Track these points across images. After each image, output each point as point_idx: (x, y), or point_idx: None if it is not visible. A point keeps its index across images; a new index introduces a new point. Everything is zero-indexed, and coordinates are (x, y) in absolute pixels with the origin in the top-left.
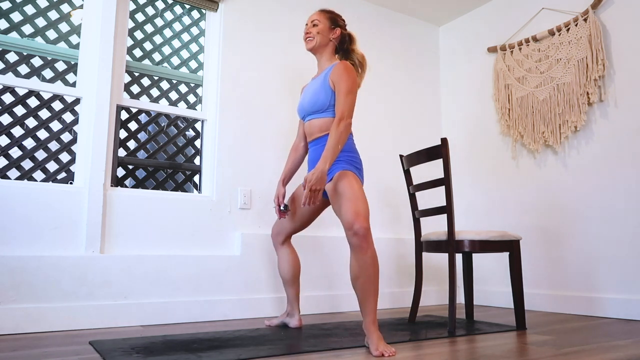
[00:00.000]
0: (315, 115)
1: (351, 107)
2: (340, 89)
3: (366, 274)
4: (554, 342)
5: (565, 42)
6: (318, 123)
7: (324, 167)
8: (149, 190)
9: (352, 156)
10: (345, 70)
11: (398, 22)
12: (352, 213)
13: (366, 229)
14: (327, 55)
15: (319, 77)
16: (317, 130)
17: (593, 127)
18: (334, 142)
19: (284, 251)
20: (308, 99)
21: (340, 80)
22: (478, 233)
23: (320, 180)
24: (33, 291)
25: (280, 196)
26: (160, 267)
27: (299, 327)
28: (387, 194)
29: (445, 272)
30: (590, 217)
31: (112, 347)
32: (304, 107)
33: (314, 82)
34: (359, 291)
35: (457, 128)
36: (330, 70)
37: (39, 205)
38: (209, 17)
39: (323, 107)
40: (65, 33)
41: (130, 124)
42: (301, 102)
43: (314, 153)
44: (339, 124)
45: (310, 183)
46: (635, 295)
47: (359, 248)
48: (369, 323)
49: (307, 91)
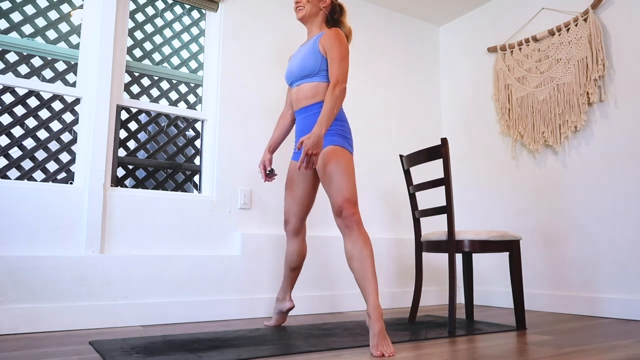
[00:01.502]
0: (304, 80)
1: (345, 72)
2: (334, 55)
3: (360, 255)
4: (554, 342)
5: (565, 42)
6: (307, 87)
7: (320, 132)
8: (149, 190)
9: (343, 125)
10: (337, 36)
11: (398, 22)
12: (340, 199)
13: (353, 214)
14: (317, 24)
15: (308, 42)
16: (305, 96)
17: (593, 127)
18: (329, 106)
19: (295, 243)
20: (297, 63)
21: (333, 46)
22: (478, 233)
23: (317, 144)
24: (33, 291)
25: (267, 161)
26: (160, 267)
27: (292, 307)
28: (387, 194)
29: (445, 272)
30: (590, 217)
31: (112, 347)
32: (292, 73)
33: (303, 48)
34: (356, 272)
35: (457, 128)
36: (321, 36)
37: (39, 205)
38: (209, 17)
39: (313, 72)
40: (65, 33)
41: (130, 124)
42: (289, 68)
43: (304, 122)
44: (335, 88)
45: (306, 147)
46: (635, 295)
47: (349, 229)
48: (372, 308)
49: (296, 57)
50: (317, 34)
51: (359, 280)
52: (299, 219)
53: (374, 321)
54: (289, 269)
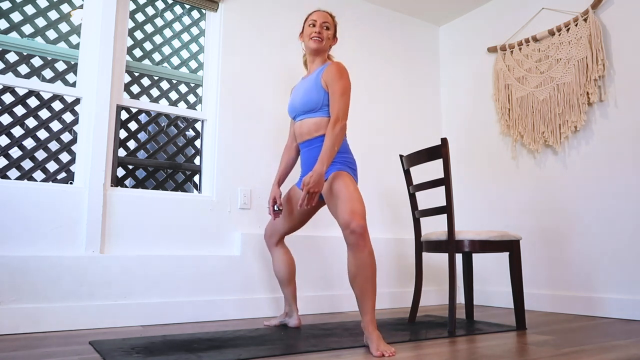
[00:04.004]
0: (307, 115)
1: (346, 109)
2: (335, 90)
3: (364, 273)
4: (554, 342)
5: (565, 42)
6: (310, 123)
7: (322, 170)
8: (149, 190)
9: (347, 157)
10: (339, 70)
11: (398, 22)
12: (348, 212)
13: (363, 227)
14: (321, 59)
15: (311, 76)
16: (309, 131)
17: (593, 127)
18: (330, 144)
19: (279, 252)
20: (299, 98)
21: (335, 81)
22: (478, 233)
23: (318, 182)
24: (33, 291)
25: (277, 197)
26: (160, 267)
27: (298, 326)
28: (387, 194)
29: (445, 272)
30: (590, 217)
31: (112, 347)
32: (295, 107)
33: (305, 82)
34: (357, 289)
35: (457, 128)
36: (323, 70)
37: (39, 205)
38: (209, 17)
39: (316, 107)
40: (65, 33)
41: (130, 124)
42: (292, 102)
43: (307, 154)
44: (335, 125)
45: (308, 186)
46: (635, 295)
47: (356, 246)
48: (368, 322)
49: (298, 90)
50: (320, 67)
51: (359, 297)
52: (282, 236)
53: (371, 332)
54: (283, 286)
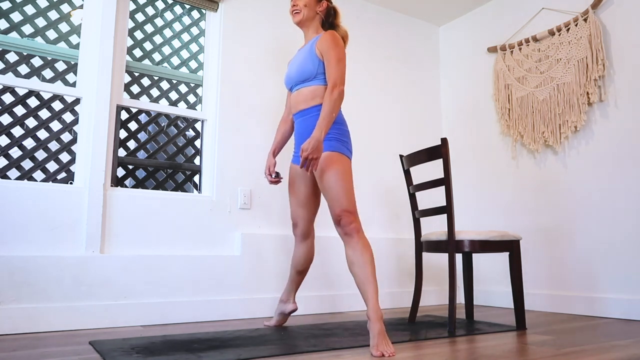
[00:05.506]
0: (303, 84)
1: (343, 75)
2: (330, 57)
3: (361, 259)
4: (554, 342)
5: (565, 42)
6: (306, 92)
7: (320, 136)
8: (149, 190)
9: (341, 129)
10: (333, 38)
11: (398, 22)
12: (338, 209)
13: (351, 222)
14: (313, 28)
15: (305, 47)
16: (305, 99)
17: (593, 127)
18: (328, 109)
19: (304, 245)
20: (295, 68)
21: (329, 49)
22: (478, 233)
23: (317, 148)
24: (33, 291)
25: (272, 166)
26: (160, 267)
27: (294, 309)
28: (387, 194)
29: (445, 272)
30: (590, 217)
31: (112, 347)
32: (291, 78)
33: (300, 53)
34: (356, 276)
35: (457, 128)
36: (317, 39)
37: (39, 205)
38: (209, 17)
39: (311, 76)
40: (65, 33)
41: (130, 124)
42: (288, 73)
43: (302, 124)
44: (333, 91)
45: (306, 152)
46: (635, 295)
47: (348, 238)
48: (372, 310)
49: (294, 62)
50: (314, 37)
51: (359, 284)
52: (307, 222)
53: (374, 322)
54: (296, 272)
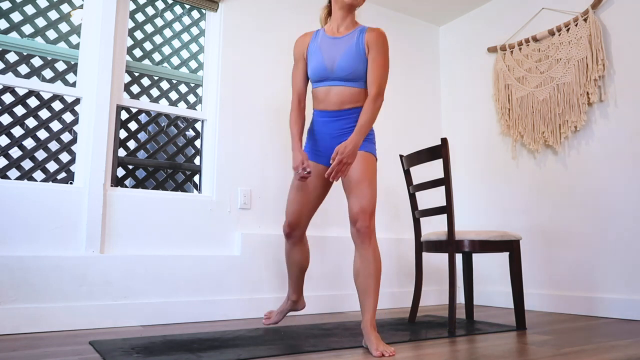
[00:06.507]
0: (345, 83)
1: (386, 83)
2: (379, 62)
3: (367, 271)
4: (554, 342)
5: (565, 42)
6: (346, 92)
7: (359, 141)
8: (149, 190)
9: (372, 131)
10: (386, 41)
11: (398, 22)
12: (357, 208)
13: (368, 227)
14: (352, 17)
15: (348, 38)
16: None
17: (593, 127)
18: (371, 117)
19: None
20: (339, 61)
21: (382, 53)
22: (478, 233)
23: (353, 154)
24: (33, 291)
25: (305, 160)
26: (160, 267)
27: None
28: (387, 194)
29: (445, 272)
30: (590, 217)
31: (112, 347)
32: (327, 70)
33: (341, 43)
34: (359, 286)
35: (457, 128)
36: (364, 33)
37: (39, 205)
38: (209, 17)
39: (359, 77)
40: (65, 33)
41: (130, 124)
42: (322, 62)
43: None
44: (377, 99)
45: (342, 156)
46: (635, 295)
47: (361, 244)
48: (367, 322)
49: (333, 51)
50: (356, 28)
51: (360, 295)
52: (308, 222)
53: (369, 332)
54: (300, 272)
